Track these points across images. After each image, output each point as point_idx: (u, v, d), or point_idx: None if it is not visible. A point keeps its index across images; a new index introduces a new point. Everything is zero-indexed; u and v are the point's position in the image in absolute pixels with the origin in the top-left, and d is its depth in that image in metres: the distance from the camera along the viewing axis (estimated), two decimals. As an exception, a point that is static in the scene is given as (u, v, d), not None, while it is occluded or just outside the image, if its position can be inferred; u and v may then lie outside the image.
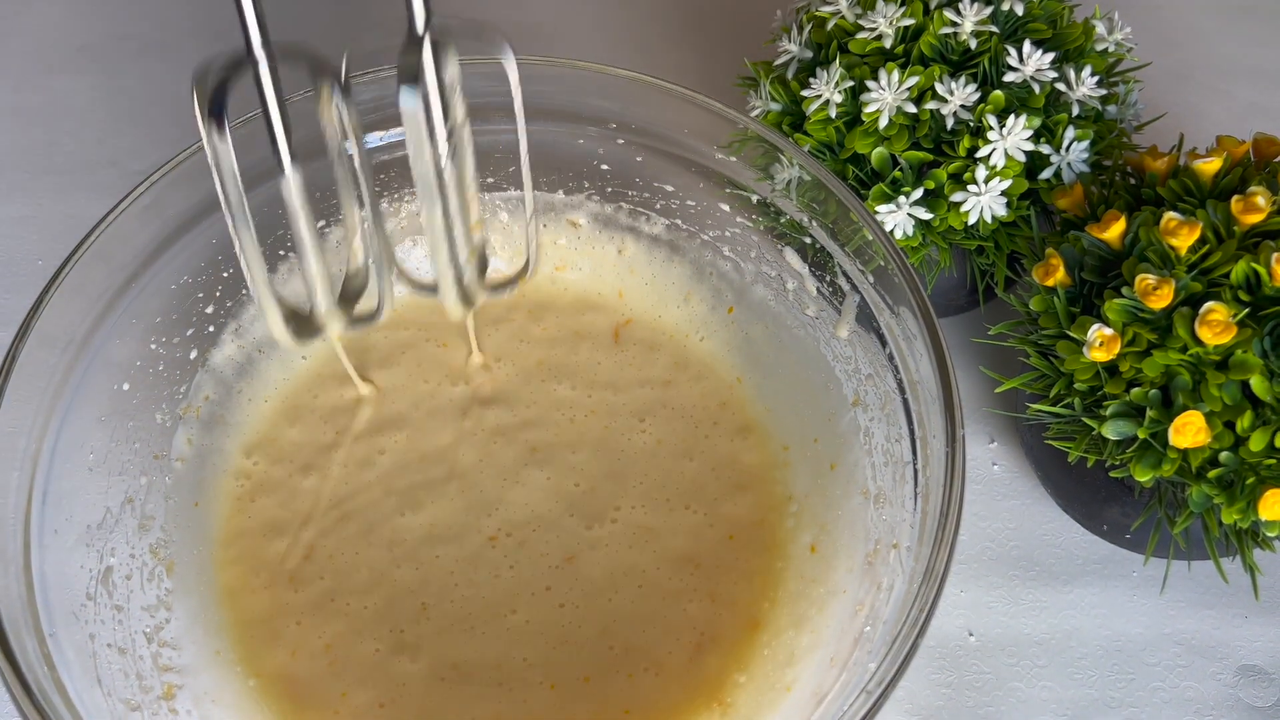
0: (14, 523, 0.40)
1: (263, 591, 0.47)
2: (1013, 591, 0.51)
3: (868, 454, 0.46)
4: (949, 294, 0.56)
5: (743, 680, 0.45)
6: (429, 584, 0.47)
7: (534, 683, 0.45)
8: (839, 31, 0.50)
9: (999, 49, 0.48)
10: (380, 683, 0.45)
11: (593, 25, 0.73)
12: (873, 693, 0.36)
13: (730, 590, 0.47)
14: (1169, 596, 0.51)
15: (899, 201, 0.48)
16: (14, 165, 0.65)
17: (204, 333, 0.50)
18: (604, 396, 0.52)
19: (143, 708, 0.41)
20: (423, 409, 0.52)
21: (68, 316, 0.44)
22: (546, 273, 0.56)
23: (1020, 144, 0.47)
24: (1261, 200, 0.41)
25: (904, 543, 0.41)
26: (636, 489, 0.49)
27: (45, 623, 0.39)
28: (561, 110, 0.51)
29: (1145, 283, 0.41)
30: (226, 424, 0.51)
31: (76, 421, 0.44)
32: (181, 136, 0.47)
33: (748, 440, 0.51)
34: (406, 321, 0.55)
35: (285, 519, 0.49)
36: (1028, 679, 0.49)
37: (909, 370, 0.44)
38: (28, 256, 0.62)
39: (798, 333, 0.51)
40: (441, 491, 0.49)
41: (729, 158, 0.49)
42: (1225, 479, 0.41)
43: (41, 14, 0.73)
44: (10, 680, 0.36)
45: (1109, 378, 0.43)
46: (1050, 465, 0.52)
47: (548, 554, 0.48)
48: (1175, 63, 0.70)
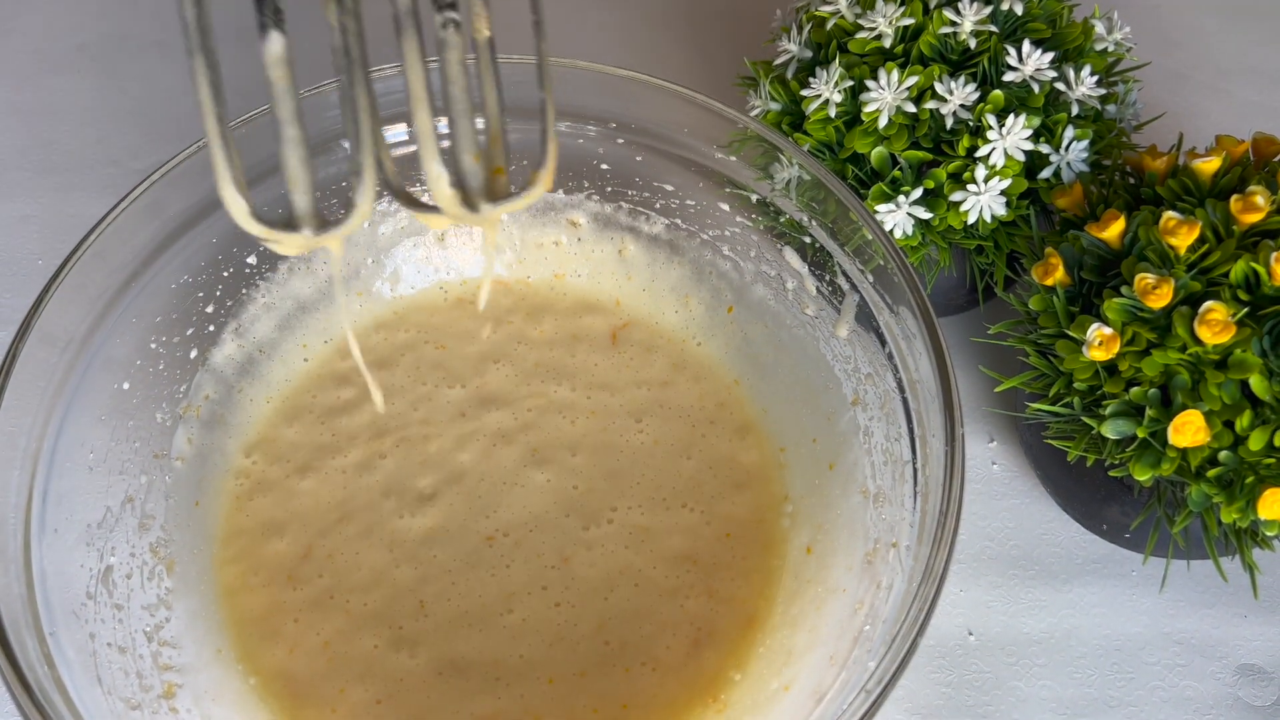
0: (14, 522, 0.40)
1: (261, 590, 0.47)
2: (1012, 590, 0.51)
3: (867, 453, 0.46)
4: (948, 293, 0.56)
5: (739, 678, 0.45)
6: (427, 582, 0.47)
7: (531, 679, 0.45)
8: (838, 31, 0.50)
9: (998, 48, 0.48)
10: (378, 679, 0.45)
11: (592, 25, 0.73)
12: (872, 691, 0.36)
13: (728, 588, 0.47)
14: (1168, 595, 0.51)
15: (898, 201, 0.48)
16: (14, 164, 0.65)
17: (204, 332, 0.50)
18: (602, 398, 0.52)
19: (143, 706, 0.41)
20: (421, 410, 0.52)
21: (68, 316, 0.44)
22: (545, 275, 0.56)
23: (1019, 143, 0.47)
24: (1260, 199, 0.41)
25: (903, 542, 0.41)
26: (634, 489, 0.50)
27: (46, 621, 0.39)
28: (561, 109, 0.51)
29: (1144, 282, 0.41)
30: (226, 423, 0.51)
31: (77, 421, 0.44)
32: (181, 136, 0.47)
33: (746, 440, 0.51)
34: (406, 323, 0.55)
35: (284, 519, 0.49)
36: (1027, 678, 0.49)
37: (908, 369, 0.44)
38: (28, 256, 0.62)
39: (797, 332, 0.51)
40: (440, 494, 0.49)
41: (729, 157, 0.49)
42: (1224, 478, 0.41)
43: (42, 13, 0.73)
44: (10, 679, 0.36)
45: (1108, 377, 0.43)
46: (1049, 464, 0.52)
47: (543, 554, 0.48)
48: (1174, 62, 0.70)
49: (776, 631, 0.45)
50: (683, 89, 0.49)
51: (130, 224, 0.45)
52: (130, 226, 0.46)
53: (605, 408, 0.52)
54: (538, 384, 0.53)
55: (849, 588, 0.44)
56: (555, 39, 0.71)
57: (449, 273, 0.56)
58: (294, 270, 0.53)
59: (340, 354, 0.54)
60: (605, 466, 0.50)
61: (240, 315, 0.52)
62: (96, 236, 0.44)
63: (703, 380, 0.53)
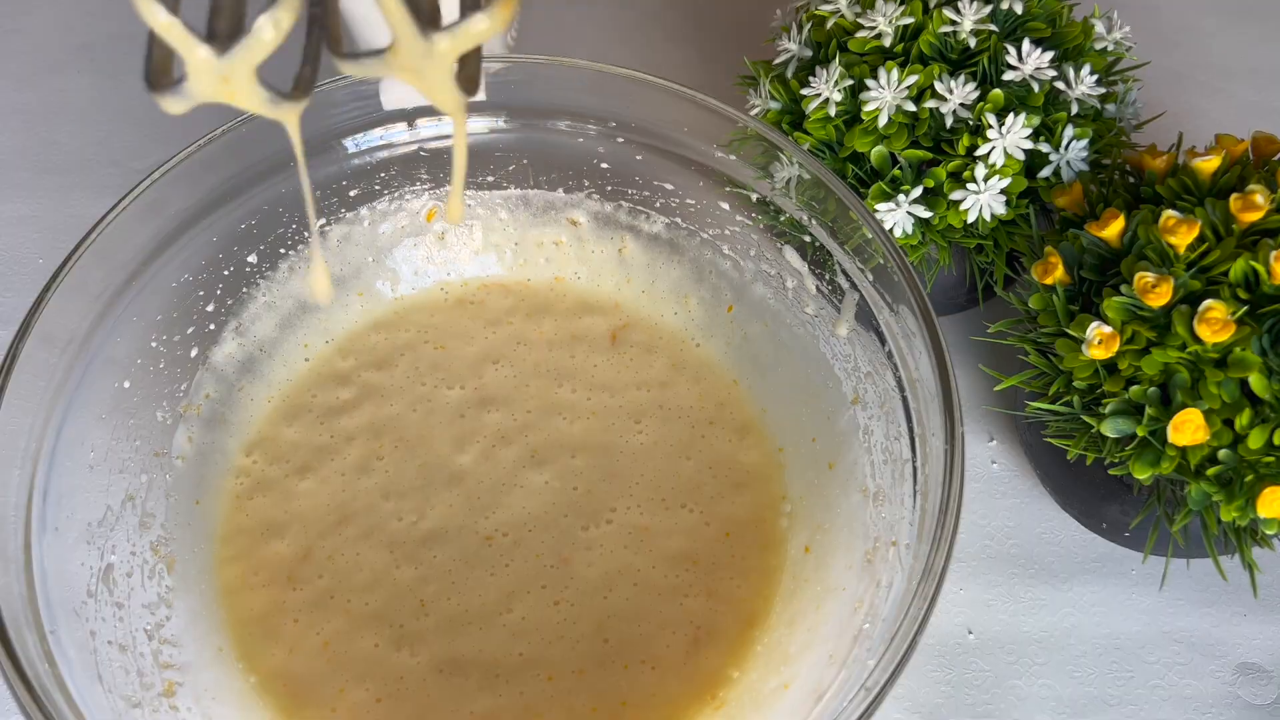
0: (15, 520, 0.40)
1: (262, 590, 0.47)
2: (1012, 589, 0.51)
3: (867, 452, 0.46)
4: (948, 292, 0.56)
5: (738, 676, 0.45)
6: (427, 582, 0.47)
7: (531, 677, 0.45)
8: (838, 30, 0.50)
9: (998, 48, 0.48)
10: (378, 678, 0.45)
11: (592, 24, 0.73)
12: (871, 690, 0.36)
13: (727, 587, 0.47)
14: (1168, 594, 0.51)
15: (898, 200, 0.48)
16: (14, 164, 0.66)
17: (204, 330, 0.50)
18: (601, 398, 0.52)
19: (143, 704, 0.41)
20: (420, 411, 0.52)
21: (68, 315, 0.44)
22: (545, 275, 0.56)
23: (1019, 142, 0.47)
24: (1260, 198, 0.41)
25: (903, 540, 0.41)
26: (633, 489, 0.50)
27: (46, 620, 0.39)
28: (561, 109, 0.51)
29: (1144, 281, 0.41)
30: (227, 422, 0.51)
31: (77, 419, 0.44)
32: (181, 135, 0.47)
33: (746, 440, 0.51)
34: (405, 323, 0.55)
35: (284, 519, 0.49)
36: (1027, 676, 0.49)
37: (908, 368, 0.44)
38: (28, 255, 0.62)
39: (797, 331, 0.51)
40: (439, 494, 0.49)
41: (729, 156, 0.49)
42: (1224, 476, 0.41)
43: (42, 13, 0.73)
44: (11, 677, 0.36)
45: (1108, 375, 0.43)
46: (1049, 463, 0.52)
47: (542, 554, 0.48)
48: (1174, 62, 0.70)
49: (775, 630, 0.45)
50: (683, 88, 0.49)
51: (130, 223, 0.46)
52: (130, 226, 0.46)
53: (604, 408, 0.52)
54: (537, 385, 0.53)
55: (849, 586, 0.44)
56: (555, 38, 0.72)
57: (449, 273, 0.56)
58: (294, 269, 0.53)
59: (341, 353, 0.54)
60: (605, 467, 0.50)
61: (241, 314, 0.52)
62: (97, 236, 0.44)
63: (702, 380, 0.53)
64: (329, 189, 0.51)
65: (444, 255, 0.56)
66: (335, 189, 0.51)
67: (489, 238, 0.56)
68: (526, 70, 0.50)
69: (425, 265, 0.56)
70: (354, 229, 0.54)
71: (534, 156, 0.53)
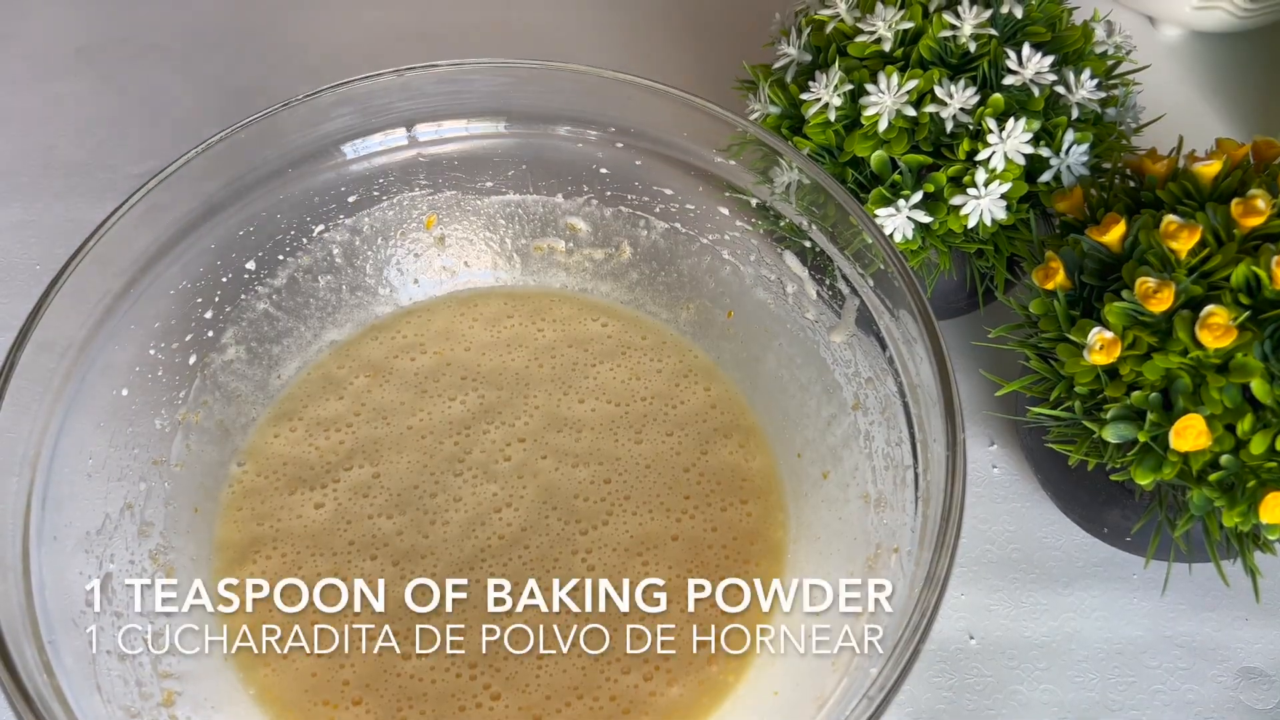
0: (13, 529, 0.40)
1: (261, 598, 0.47)
2: (1013, 594, 0.51)
3: (868, 458, 0.46)
4: (949, 297, 0.56)
5: (738, 683, 0.45)
6: (425, 590, 0.47)
7: (530, 680, 0.45)
8: (838, 35, 0.50)
9: (998, 52, 0.48)
10: (377, 689, 0.45)
11: (591, 28, 0.73)
12: (874, 698, 0.36)
13: (728, 594, 0.47)
14: (1169, 599, 0.51)
15: (898, 205, 0.48)
16: (12, 169, 0.65)
17: (203, 337, 0.50)
18: (602, 405, 0.52)
19: (142, 715, 0.41)
20: (419, 419, 0.52)
21: (66, 322, 0.44)
22: (545, 282, 0.56)
23: (1020, 147, 0.47)
24: (1261, 203, 0.41)
25: (905, 547, 0.41)
26: (634, 495, 0.49)
27: (44, 629, 0.39)
28: (560, 114, 0.51)
29: (1145, 286, 0.41)
30: (226, 430, 0.51)
31: (75, 427, 0.44)
32: (180, 141, 0.47)
33: (746, 445, 0.51)
34: (404, 330, 0.55)
35: (282, 527, 0.49)
36: (1028, 682, 0.49)
37: (909, 373, 0.44)
38: (26, 261, 0.62)
39: (797, 336, 0.51)
40: (438, 503, 0.49)
41: (728, 161, 0.49)
42: (1226, 482, 0.41)
43: (40, 17, 0.73)
44: (9, 688, 0.36)
45: (1109, 381, 0.43)
46: (1050, 468, 0.52)
47: (543, 559, 0.48)
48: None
49: (779, 637, 0.45)
50: (682, 93, 0.48)
51: (129, 229, 0.45)
52: (129, 232, 0.45)
53: (604, 414, 0.52)
54: (536, 392, 0.53)
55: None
56: (554, 42, 0.72)
57: (448, 279, 0.56)
58: (293, 278, 0.52)
59: (338, 362, 0.54)
60: (605, 473, 0.50)
61: (240, 320, 0.51)
62: (95, 242, 0.44)
63: (702, 386, 0.53)
64: (327, 195, 0.51)
65: (443, 261, 0.56)
66: (334, 195, 0.51)
67: (488, 244, 0.56)
68: (526, 75, 0.50)
69: (424, 271, 0.56)
70: (353, 235, 0.53)
71: (533, 162, 0.53)
